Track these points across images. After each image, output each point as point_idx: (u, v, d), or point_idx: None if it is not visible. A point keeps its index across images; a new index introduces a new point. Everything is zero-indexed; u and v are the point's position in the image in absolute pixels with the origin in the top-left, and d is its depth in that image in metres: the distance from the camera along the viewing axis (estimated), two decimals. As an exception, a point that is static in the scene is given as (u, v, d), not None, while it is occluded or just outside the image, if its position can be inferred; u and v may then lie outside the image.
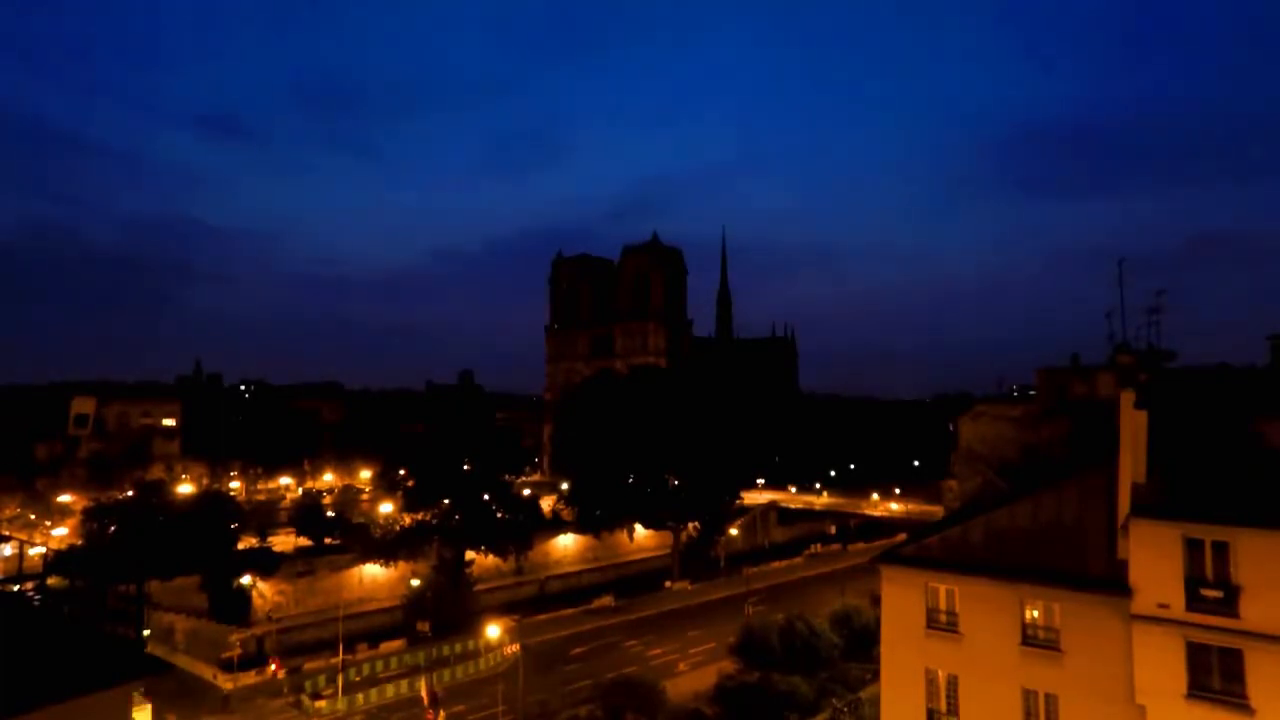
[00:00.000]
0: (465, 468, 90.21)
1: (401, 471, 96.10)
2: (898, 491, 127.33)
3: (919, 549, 28.85)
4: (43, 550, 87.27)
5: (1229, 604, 21.71)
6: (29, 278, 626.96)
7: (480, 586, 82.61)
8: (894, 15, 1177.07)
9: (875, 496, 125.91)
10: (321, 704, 57.88)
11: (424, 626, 70.22)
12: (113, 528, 78.47)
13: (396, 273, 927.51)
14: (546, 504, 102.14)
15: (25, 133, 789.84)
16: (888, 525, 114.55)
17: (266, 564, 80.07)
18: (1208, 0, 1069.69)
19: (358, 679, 63.43)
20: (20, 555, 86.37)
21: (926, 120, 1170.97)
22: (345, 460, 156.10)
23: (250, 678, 63.11)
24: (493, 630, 65.40)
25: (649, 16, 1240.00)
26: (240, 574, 77.25)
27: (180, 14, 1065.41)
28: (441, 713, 55.24)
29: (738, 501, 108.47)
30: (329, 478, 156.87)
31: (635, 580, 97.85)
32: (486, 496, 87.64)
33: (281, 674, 63.35)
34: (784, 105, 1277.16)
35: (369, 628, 76.45)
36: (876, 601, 41.54)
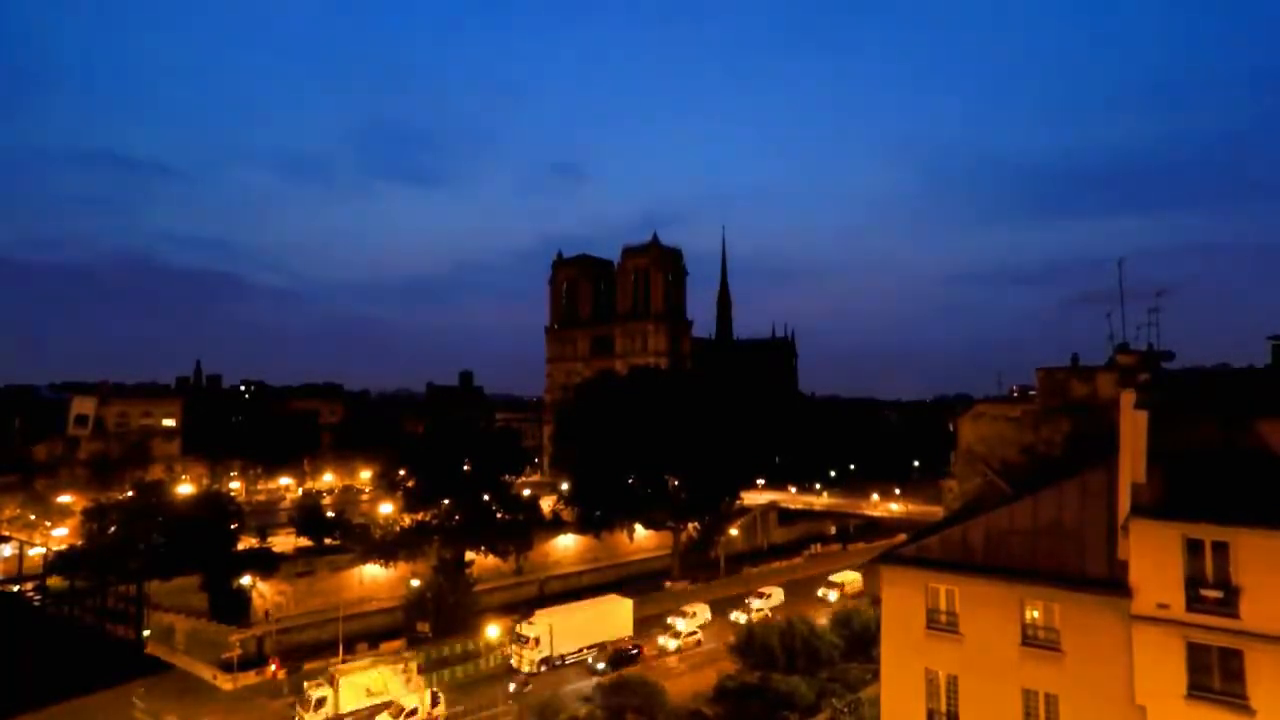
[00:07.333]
0: (465, 468, 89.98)
1: (401, 472, 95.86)
2: (898, 492, 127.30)
3: (919, 549, 28.79)
4: (43, 551, 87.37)
5: (1229, 604, 21.66)
6: (107, 294, 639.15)
7: (480, 587, 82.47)
8: (877, 64, 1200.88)
9: (875, 497, 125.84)
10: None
11: (424, 627, 70.19)
12: (113, 528, 78.38)
13: (418, 281, 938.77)
14: (546, 504, 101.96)
15: (128, 169, 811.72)
16: (888, 525, 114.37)
17: (266, 564, 79.97)
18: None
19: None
20: (20, 556, 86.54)
21: (941, 157, 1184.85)
22: (345, 461, 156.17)
23: (250, 678, 63.08)
24: (493, 630, 65.39)
25: (666, 69, 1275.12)
26: (240, 574, 77.17)
27: (278, 72, 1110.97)
28: (442, 713, 55.31)
29: (738, 502, 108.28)
30: (329, 478, 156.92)
31: (635, 581, 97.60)
32: (486, 497, 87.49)
33: (281, 674, 63.31)
34: (785, 138, 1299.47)
35: (369, 628, 76.43)
36: (876, 601, 41.48)
